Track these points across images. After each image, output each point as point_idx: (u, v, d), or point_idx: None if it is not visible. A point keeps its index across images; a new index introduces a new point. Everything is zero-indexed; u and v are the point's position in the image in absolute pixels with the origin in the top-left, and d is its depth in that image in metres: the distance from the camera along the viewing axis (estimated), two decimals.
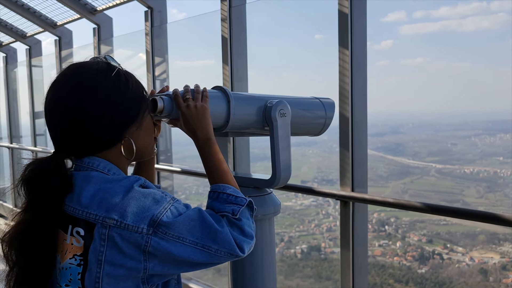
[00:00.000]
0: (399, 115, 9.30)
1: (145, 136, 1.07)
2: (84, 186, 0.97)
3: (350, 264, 2.34)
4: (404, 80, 6.57)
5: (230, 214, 1.01)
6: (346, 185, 2.34)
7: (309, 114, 1.52)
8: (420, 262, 6.08)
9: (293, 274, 7.04)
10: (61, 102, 0.99)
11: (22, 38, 5.75)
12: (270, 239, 1.50)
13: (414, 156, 7.68)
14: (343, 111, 2.34)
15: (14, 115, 6.54)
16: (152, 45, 3.76)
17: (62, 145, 1.01)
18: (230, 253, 0.98)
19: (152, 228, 0.92)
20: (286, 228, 7.87)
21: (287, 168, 1.35)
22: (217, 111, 1.24)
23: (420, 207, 2.04)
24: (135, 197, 0.94)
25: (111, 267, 0.93)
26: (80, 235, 0.95)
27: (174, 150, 4.03)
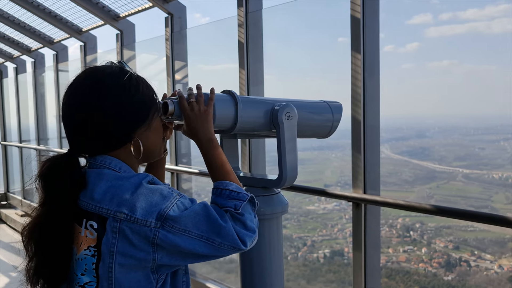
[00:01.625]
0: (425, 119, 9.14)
1: (154, 137, 1.14)
2: (96, 182, 1.04)
3: (362, 266, 2.34)
4: (430, 83, 6.48)
5: (233, 209, 1.07)
6: (358, 187, 2.35)
7: (316, 117, 1.54)
8: (446, 269, 5.96)
9: (315, 278, 6.99)
10: (76, 104, 1.07)
11: (49, 44, 5.94)
12: (278, 238, 1.53)
13: (440, 160, 7.53)
14: (356, 114, 2.35)
15: (42, 118, 6.72)
16: (172, 50, 3.84)
17: (76, 144, 1.09)
18: (233, 246, 1.04)
19: (160, 221, 0.99)
20: (309, 232, 7.82)
21: (293, 169, 1.39)
22: (225, 113, 1.29)
23: (431, 209, 2.03)
24: (143, 193, 1.01)
25: (122, 257, 1.00)
26: (94, 228, 1.02)
27: (194, 154, 4.10)
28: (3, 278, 4.60)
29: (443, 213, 2.04)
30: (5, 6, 5.28)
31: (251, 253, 1.50)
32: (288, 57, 5.88)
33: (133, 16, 4.44)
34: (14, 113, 7.56)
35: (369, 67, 2.33)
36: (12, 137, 7.87)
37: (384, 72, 2.45)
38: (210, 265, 5.13)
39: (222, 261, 6.44)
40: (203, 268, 4.11)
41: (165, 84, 3.97)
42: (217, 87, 1.35)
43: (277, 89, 5.11)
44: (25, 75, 7.23)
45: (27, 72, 7.14)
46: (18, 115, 7.44)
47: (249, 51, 3.04)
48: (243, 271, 1.53)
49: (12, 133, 7.86)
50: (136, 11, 4.30)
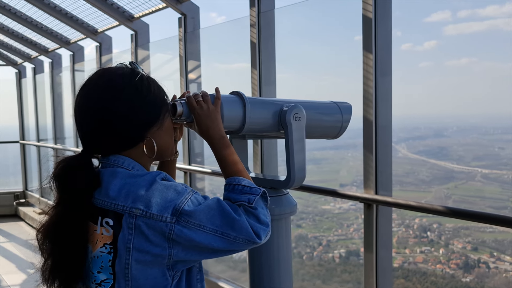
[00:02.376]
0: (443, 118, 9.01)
1: (166, 136, 1.15)
2: (111, 180, 1.06)
3: (373, 267, 2.32)
4: (448, 82, 6.38)
5: (246, 203, 1.08)
6: (370, 188, 2.33)
7: (325, 118, 1.53)
8: (464, 270, 5.87)
9: (331, 278, 6.96)
10: (88, 105, 1.09)
11: (66, 44, 6.02)
12: (286, 239, 1.52)
13: (458, 160, 7.42)
14: (367, 114, 2.33)
15: (59, 118, 6.82)
16: (185, 50, 3.86)
17: (89, 144, 1.11)
18: (248, 239, 1.04)
19: (175, 217, 1.00)
20: (324, 232, 7.79)
21: (301, 169, 1.39)
22: (233, 114, 1.30)
23: (444, 211, 2.00)
24: (158, 189, 1.02)
25: (138, 253, 1.00)
26: (109, 225, 1.03)
27: (207, 153, 4.11)
28: (21, 275, 4.69)
29: (456, 215, 2.00)
30: (23, 8, 5.37)
31: (260, 253, 1.50)
32: (302, 57, 5.85)
33: (147, 16, 4.48)
34: (32, 112, 7.69)
35: (381, 67, 2.31)
36: (30, 136, 8.01)
37: (401, 70, 2.42)
38: (225, 264, 5.15)
39: (237, 260, 6.45)
40: (218, 267, 4.13)
41: (179, 84, 3.99)
42: (231, 86, 1.36)
43: (290, 88, 5.09)
44: (42, 75, 7.34)
45: (44, 72, 7.26)
46: (36, 114, 7.56)
47: (261, 51, 3.04)
48: (252, 272, 1.53)
49: (30, 132, 8.00)
50: (150, 11, 4.34)
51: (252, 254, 1.52)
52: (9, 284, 4.37)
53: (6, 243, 5.91)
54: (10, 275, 4.62)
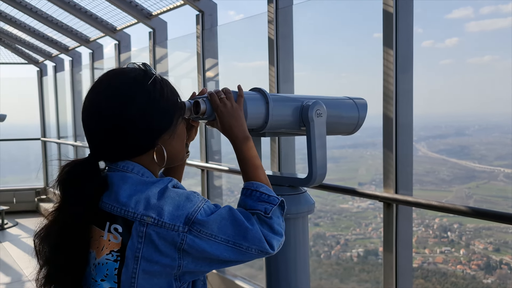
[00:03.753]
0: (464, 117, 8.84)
1: (177, 143, 1.11)
2: (121, 185, 1.01)
3: (393, 267, 2.28)
4: (470, 80, 6.25)
5: (263, 212, 1.04)
6: (390, 187, 2.28)
7: (342, 115, 1.52)
8: (486, 271, 5.76)
9: (348, 278, 6.90)
10: (97, 109, 1.03)
11: (86, 42, 6.09)
12: (303, 238, 1.50)
13: (480, 159, 7.28)
14: (387, 111, 2.28)
15: (79, 115, 6.89)
16: (203, 48, 3.85)
17: (97, 149, 1.06)
18: (260, 250, 1.01)
19: (188, 226, 0.96)
20: (342, 231, 7.73)
21: (323, 166, 1.37)
22: (256, 112, 1.27)
23: (466, 211, 1.95)
24: (170, 196, 0.99)
25: (147, 263, 0.96)
26: (118, 231, 0.98)
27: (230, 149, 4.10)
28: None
29: (480, 216, 1.94)
30: (44, 6, 5.44)
31: (276, 254, 1.48)
32: (321, 54, 5.79)
33: (165, 14, 4.48)
34: (53, 110, 7.80)
35: (402, 63, 2.26)
36: (51, 134, 8.12)
37: (422, 68, 2.37)
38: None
39: None
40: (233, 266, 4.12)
41: (197, 82, 3.99)
42: (249, 84, 1.34)
43: (308, 86, 5.04)
44: (63, 73, 7.43)
45: (65, 71, 7.35)
46: (57, 112, 7.66)
47: (279, 48, 3.01)
48: (268, 271, 1.52)
49: (51, 130, 8.11)
50: (168, 9, 4.34)
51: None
52: (30, 279, 4.44)
53: (27, 238, 6.02)
54: (31, 269, 4.69)
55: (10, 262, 4.96)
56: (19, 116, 9.04)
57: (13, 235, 6.20)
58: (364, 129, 5.03)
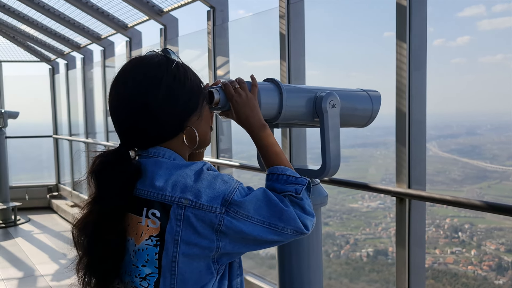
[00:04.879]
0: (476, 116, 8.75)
1: (205, 125, 1.12)
2: (156, 170, 1.02)
3: (406, 263, 2.25)
4: (482, 79, 6.18)
5: (294, 193, 1.05)
6: (403, 181, 2.26)
7: (356, 107, 1.51)
8: (497, 272, 5.70)
9: (358, 277, 6.88)
10: (126, 96, 1.04)
11: (97, 40, 6.12)
12: (316, 231, 1.50)
13: (492, 159, 7.21)
14: (400, 106, 2.26)
15: (90, 113, 6.95)
16: (214, 44, 3.85)
17: (128, 138, 1.07)
18: (295, 230, 1.02)
19: (225, 207, 0.98)
20: (352, 230, 7.70)
21: (336, 157, 1.36)
22: (270, 102, 1.27)
23: (481, 206, 1.92)
24: (206, 179, 1.00)
25: (186, 246, 0.98)
26: (156, 216, 0.99)
27: (240, 149, 4.10)
28: (54, 265, 4.79)
29: (494, 210, 1.92)
30: (56, 4, 5.48)
31: (289, 246, 1.47)
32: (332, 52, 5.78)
33: (177, 10, 4.49)
34: (65, 107, 7.85)
35: (415, 57, 2.23)
36: (63, 131, 8.19)
37: (433, 67, 2.35)
38: (253, 261, 5.13)
39: (264, 257, 6.43)
40: (244, 264, 4.12)
41: (207, 79, 3.99)
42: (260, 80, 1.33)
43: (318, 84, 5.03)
44: (75, 71, 7.48)
45: (76, 68, 7.40)
46: (68, 109, 7.72)
47: (291, 43, 3.00)
48: (281, 265, 1.51)
49: (63, 127, 8.17)
50: (179, 5, 4.35)
51: (282, 247, 1.49)
52: (42, 274, 4.48)
53: (39, 234, 6.07)
54: (43, 265, 4.74)
55: (23, 258, 5.00)
56: (32, 114, 9.12)
57: (26, 231, 6.25)
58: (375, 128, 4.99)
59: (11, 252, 5.24)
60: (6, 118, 6.92)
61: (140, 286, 1.01)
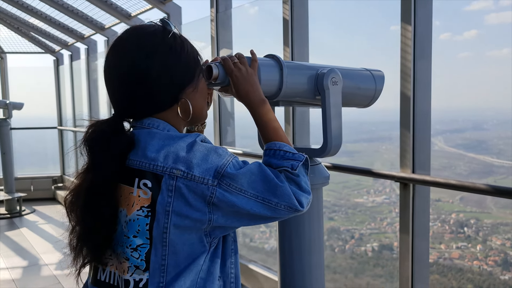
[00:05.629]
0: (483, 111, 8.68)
1: (200, 98, 1.10)
2: (148, 141, 1.00)
3: (409, 249, 2.22)
4: (488, 73, 6.12)
5: (290, 168, 1.03)
6: (407, 166, 2.22)
7: (359, 86, 1.48)
8: (503, 267, 5.68)
9: (363, 272, 6.87)
10: (121, 65, 1.03)
11: (101, 30, 6.09)
12: (318, 212, 1.47)
13: (498, 154, 7.16)
14: (404, 89, 2.22)
15: (94, 104, 6.95)
16: (217, 31, 3.82)
17: (121, 107, 1.05)
18: (290, 207, 1.00)
19: (217, 179, 0.96)
20: (357, 225, 7.68)
21: (338, 136, 1.33)
22: (270, 79, 1.24)
23: (486, 190, 1.88)
24: (199, 150, 0.98)
25: (178, 217, 0.96)
26: (148, 187, 0.98)
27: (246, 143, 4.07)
28: (58, 255, 4.80)
29: (500, 194, 1.88)
30: None
31: (290, 227, 1.44)
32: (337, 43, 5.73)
33: None
34: (69, 99, 7.86)
35: (420, 39, 2.19)
36: (67, 122, 8.20)
37: (439, 61, 2.30)
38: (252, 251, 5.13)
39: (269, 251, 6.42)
40: (243, 251, 4.10)
41: None
42: None
43: None
44: (79, 61, 7.47)
45: (80, 59, 7.39)
46: (73, 101, 7.72)
47: (294, 29, 2.96)
48: (282, 246, 1.48)
49: (67, 118, 8.18)
50: None
51: (282, 228, 1.47)
52: (46, 263, 4.49)
53: (44, 224, 6.09)
54: (48, 254, 4.76)
55: (28, 247, 5.03)
56: (37, 106, 9.14)
57: (31, 222, 6.28)
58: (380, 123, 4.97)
59: (16, 241, 5.27)
60: (11, 109, 6.92)
61: (131, 257, 0.99)
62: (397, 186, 2.37)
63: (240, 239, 4.83)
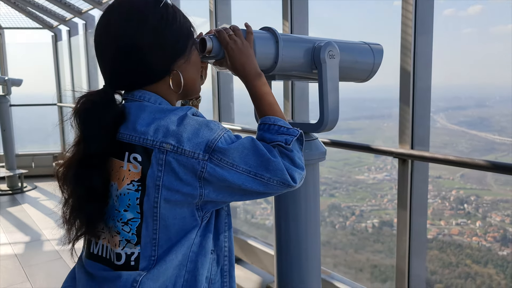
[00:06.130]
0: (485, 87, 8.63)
1: (193, 70, 1.08)
2: (139, 114, 0.98)
3: (407, 225, 2.22)
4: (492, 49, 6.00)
5: (283, 143, 1.01)
6: (405, 142, 2.20)
7: (357, 59, 1.45)
8: (501, 243, 5.72)
9: (363, 248, 6.93)
10: (110, 34, 1.00)
11: (98, 4, 5.99)
12: (314, 186, 1.46)
13: (500, 131, 7.14)
14: (404, 64, 2.18)
15: (94, 80, 6.90)
16: (216, 6, 3.75)
17: (112, 78, 1.03)
18: (282, 182, 0.98)
19: (208, 154, 0.94)
20: (358, 202, 7.73)
21: (335, 110, 1.31)
22: (265, 52, 1.21)
23: (486, 166, 1.87)
24: (190, 124, 0.96)
25: (168, 192, 0.95)
26: (138, 161, 0.96)
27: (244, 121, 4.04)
28: (60, 230, 4.85)
29: (499, 170, 1.87)
30: None
31: (286, 203, 1.44)
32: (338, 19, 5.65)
33: None
34: (68, 75, 7.81)
35: (421, 11, 2.14)
36: (67, 99, 8.17)
37: (443, 37, 2.25)
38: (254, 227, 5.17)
39: (269, 227, 6.46)
40: (244, 227, 4.13)
41: None
42: None
43: None
44: (77, 37, 7.40)
45: (79, 35, 7.32)
46: (72, 77, 7.67)
47: (293, 2, 2.89)
48: (278, 221, 1.48)
49: (67, 95, 8.14)
50: None
51: (278, 203, 1.46)
52: (48, 238, 4.53)
53: (45, 201, 6.13)
54: (49, 230, 4.80)
55: (30, 223, 5.06)
56: (36, 82, 9.10)
57: (32, 198, 6.32)
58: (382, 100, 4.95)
59: (18, 217, 5.30)
60: (9, 86, 6.88)
61: (123, 230, 0.99)
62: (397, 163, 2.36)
63: (241, 216, 4.85)
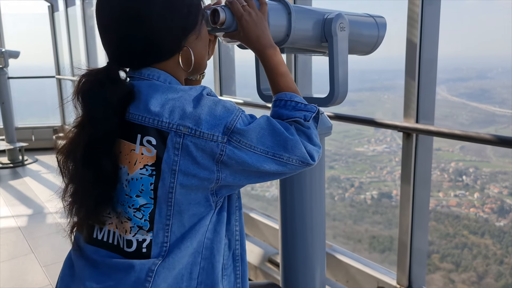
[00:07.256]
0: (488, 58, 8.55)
1: (202, 46, 1.02)
2: (151, 93, 0.92)
3: (410, 199, 2.23)
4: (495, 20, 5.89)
5: (302, 119, 0.98)
6: (410, 116, 2.19)
7: (362, 32, 1.42)
8: (499, 214, 5.78)
9: (362, 219, 7.00)
10: (117, 7, 0.92)
11: None
12: (319, 163, 1.45)
13: (501, 103, 7.11)
14: (411, 36, 2.14)
15: (92, 51, 6.81)
16: None
17: (118, 54, 0.96)
18: (301, 161, 0.96)
19: (227, 136, 0.90)
20: (357, 174, 7.76)
21: (344, 83, 1.30)
22: (278, 24, 1.17)
23: (491, 140, 1.86)
24: (207, 105, 0.91)
25: (184, 177, 0.91)
26: (152, 144, 0.91)
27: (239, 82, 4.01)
28: (60, 202, 4.89)
29: (503, 144, 1.86)
30: None
31: (291, 179, 1.44)
32: None
33: None
34: (66, 47, 7.71)
35: None
36: (65, 71, 8.09)
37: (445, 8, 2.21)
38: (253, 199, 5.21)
39: (270, 199, 6.51)
40: (244, 199, 4.15)
41: None
42: None
43: None
44: (74, 8, 7.27)
45: (76, 5, 7.19)
46: (70, 49, 7.57)
47: None
48: (283, 197, 1.48)
49: (65, 67, 8.07)
50: None
51: (283, 180, 1.45)
52: (50, 211, 4.57)
53: (47, 174, 6.14)
54: (51, 202, 4.82)
55: (32, 196, 5.09)
56: (34, 55, 8.99)
57: (33, 171, 6.33)
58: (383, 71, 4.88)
59: (20, 190, 5.32)
60: (7, 58, 6.80)
61: (134, 217, 0.94)
62: (398, 136, 2.35)
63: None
